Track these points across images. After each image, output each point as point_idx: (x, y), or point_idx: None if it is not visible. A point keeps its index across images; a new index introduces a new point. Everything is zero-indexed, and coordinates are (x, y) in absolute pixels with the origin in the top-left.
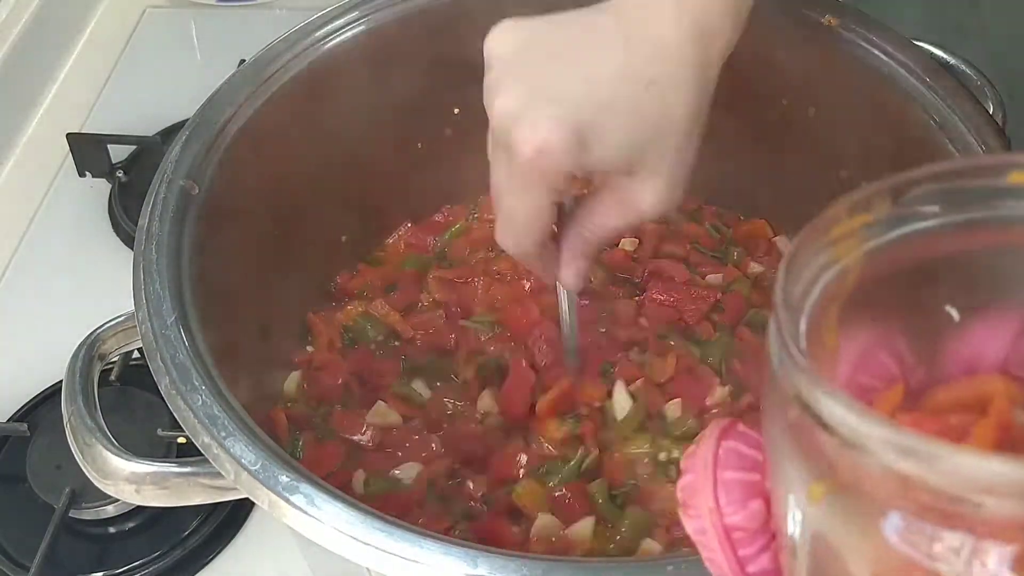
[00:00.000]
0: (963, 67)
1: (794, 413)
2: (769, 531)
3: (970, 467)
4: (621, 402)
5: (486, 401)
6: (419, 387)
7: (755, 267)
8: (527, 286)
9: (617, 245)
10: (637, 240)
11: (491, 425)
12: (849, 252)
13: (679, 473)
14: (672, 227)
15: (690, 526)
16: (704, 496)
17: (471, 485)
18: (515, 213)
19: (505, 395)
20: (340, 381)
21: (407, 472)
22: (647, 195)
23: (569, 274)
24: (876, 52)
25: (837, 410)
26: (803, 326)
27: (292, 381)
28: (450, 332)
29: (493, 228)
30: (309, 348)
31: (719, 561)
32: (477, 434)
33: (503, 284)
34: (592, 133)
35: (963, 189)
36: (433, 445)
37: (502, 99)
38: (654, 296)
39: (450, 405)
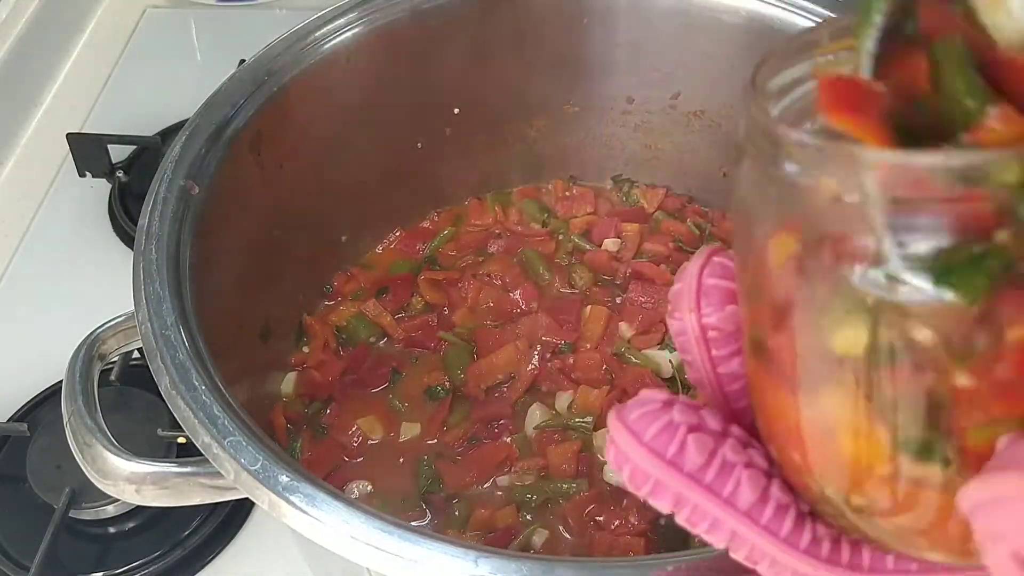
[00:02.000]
0: None
1: (759, 162)
2: (741, 338)
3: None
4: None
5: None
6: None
7: None
8: (516, 295)
9: (600, 246)
10: (620, 240)
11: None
12: (826, 73)
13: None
14: (654, 225)
15: (673, 328)
16: (687, 299)
17: None
18: None
19: (432, 418)
20: (330, 379)
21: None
22: None
23: None
24: None
25: (793, 135)
26: (775, 111)
27: (289, 382)
28: (436, 335)
29: (479, 233)
30: (305, 349)
31: (696, 361)
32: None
33: (492, 288)
34: None
35: None
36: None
37: None
38: (634, 299)
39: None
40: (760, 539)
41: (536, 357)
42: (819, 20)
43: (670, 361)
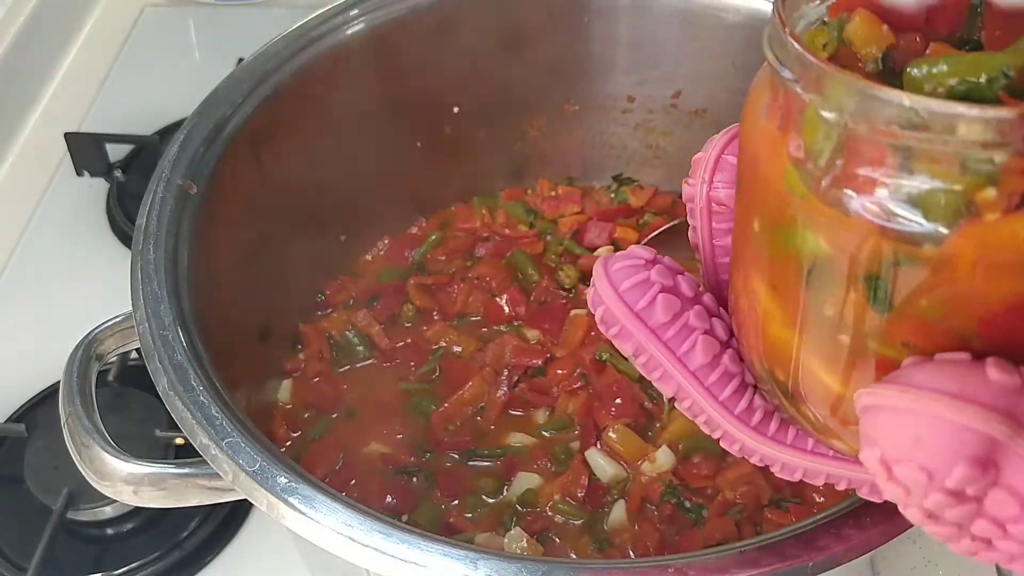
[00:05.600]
0: None
1: (770, 66)
2: None
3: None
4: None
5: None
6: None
7: None
8: (503, 301)
9: (593, 251)
10: (612, 248)
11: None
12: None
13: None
14: (643, 224)
15: (686, 192)
16: (703, 169)
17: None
18: None
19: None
20: (336, 395)
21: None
22: None
23: None
24: None
25: (805, 56)
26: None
27: (285, 390)
28: (422, 345)
29: (467, 237)
30: (300, 356)
31: (698, 228)
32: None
33: (481, 291)
34: None
35: None
36: None
37: None
38: None
39: None
40: (701, 397)
41: (505, 383)
42: None
43: None
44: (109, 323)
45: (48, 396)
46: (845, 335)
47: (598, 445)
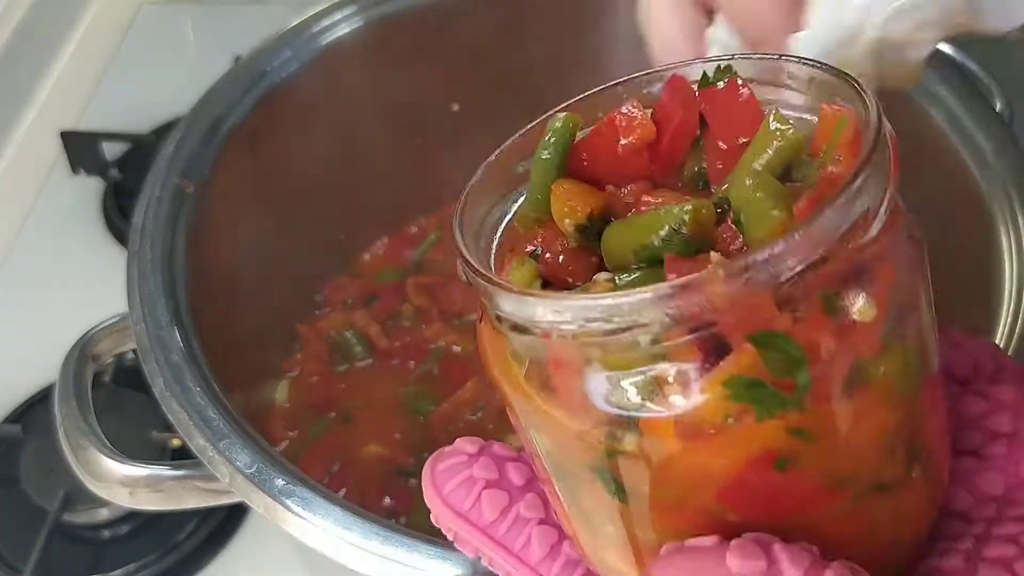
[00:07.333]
0: (970, 65)
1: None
2: None
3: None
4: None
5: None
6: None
7: None
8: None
9: None
10: None
11: None
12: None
13: None
14: None
15: None
16: None
17: None
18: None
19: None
20: (333, 396)
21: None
22: None
23: None
24: None
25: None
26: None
27: (283, 390)
28: (421, 345)
29: None
30: (298, 356)
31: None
32: None
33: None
34: None
35: None
36: None
37: None
38: None
39: None
40: None
41: None
42: None
43: None
44: (105, 323)
45: (44, 397)
46: (609, 525)
47: None
